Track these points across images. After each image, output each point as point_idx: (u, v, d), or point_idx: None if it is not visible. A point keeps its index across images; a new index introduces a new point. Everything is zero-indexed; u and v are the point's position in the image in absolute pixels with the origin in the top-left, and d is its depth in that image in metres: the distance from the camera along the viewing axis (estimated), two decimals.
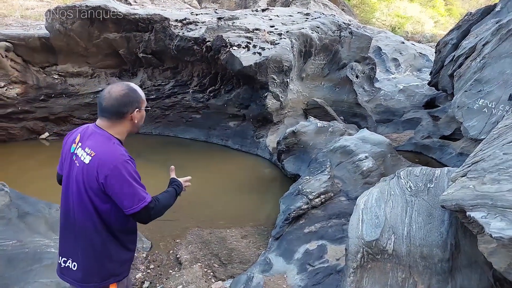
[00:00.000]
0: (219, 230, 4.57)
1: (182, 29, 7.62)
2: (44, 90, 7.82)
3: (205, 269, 3.73)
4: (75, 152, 1.85)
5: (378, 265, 2.47)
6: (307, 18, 8.70)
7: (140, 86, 8.43)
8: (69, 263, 1.87)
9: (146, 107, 1.95)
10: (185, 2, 13.14)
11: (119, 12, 7.31)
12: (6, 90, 7.33)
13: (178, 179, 2.18)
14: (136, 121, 1.88)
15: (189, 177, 2.23)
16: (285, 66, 7.07)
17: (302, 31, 7.81)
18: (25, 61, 7.57)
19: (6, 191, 3.49)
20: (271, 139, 7.38)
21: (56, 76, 7.94)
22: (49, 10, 7.34)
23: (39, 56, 7.69)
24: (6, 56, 7.19)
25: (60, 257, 1.92)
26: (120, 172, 1.72)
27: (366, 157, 4.46)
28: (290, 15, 8.80)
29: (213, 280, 3.53)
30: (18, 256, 3.08)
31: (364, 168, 4.34)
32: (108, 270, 1.88)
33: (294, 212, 3.80)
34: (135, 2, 10.03)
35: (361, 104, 8.56)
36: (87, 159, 1.76)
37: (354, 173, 4.41)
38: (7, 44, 7.15)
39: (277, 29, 7.79)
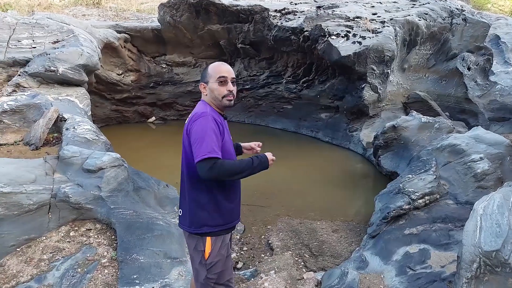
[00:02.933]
0: (309, 221, 4.58)
1: (280, 19, 7.68)
2: (154, 78, 8.64)
3: (296, 258, 3.78)
4: None
5: (497, 278, 2.21)
6: (414, 4, 8.05)
7: (237, 76, 8.82)
8: (180, 211, 2.17)
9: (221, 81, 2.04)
10: None
11: (223, 4, 7.66)
12: (123, 77, 8.27)
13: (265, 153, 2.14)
14: (205, 93, 2.09)
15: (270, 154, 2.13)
16: (387, 56, 6.68)
17: (407, 18, 7.26)
18: (139, 51, 8.45)
19: (125, 167, 3.94)
20: (366, 133, 7.08)
21: (164, 65, 8.70)
22: (162, 4, 8.04)
23: (151, 47, 8.50)
24: (124, 47, 8.09)
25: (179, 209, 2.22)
26: (198, 124, 1.92)
27: (481, 158, 3.99)
28: (395, 1, 8.24)
29: (304, 270, 3.55)
30: (134, 225, 3.47)
31: (478, 171, 3.90)
32: (201, 218, 2.04)
33: (393, 212, 3.60)
34: None
35: (471, 99, 7.70)
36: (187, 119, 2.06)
37: (464, 175, 3.99)
38: (126, 35, 8.03)
39: (379, 16, 7.37)
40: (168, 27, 8.14)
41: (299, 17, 7.65)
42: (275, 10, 7.83)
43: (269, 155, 2.08)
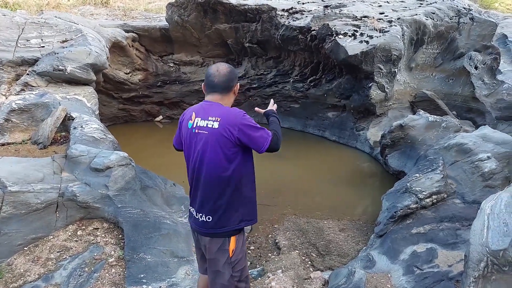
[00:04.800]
0: (315, 220, 4.57)
1: (288, 18, 7.67)
2: (161, 77, 8.67)
3: (303, 257, 3.78)
4: (195, 125, 2.12)
5: (505, 278, 2.19)
6: (421, 4, 7.98)
7: (244, 75, 8.86)
8: (204, 217, 2.13)
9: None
10: None
11: (231, 3, 7.66)
12: (130, 76, 8.31)
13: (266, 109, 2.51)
14: (236, 93, 2.25)
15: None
16: (394, 55, 6.63)
17: (415, 17, 7.21)
18: (147, 50, 8.48)
19: (133, 166, 3.97)
20: (373, 132, 7.05)
21: (171, 64, 8.72)
22: (170, 3, 8.06)
23: (159, 46, 8.53)
24: (132, 46, 8.13)
25: (197, 213, 2.18)
26: (247, 123, 2.04)
27: (488, 157, 3.96)
28: (402, 1, 8.19)
29: (311, 269, 3.55)
30: (141, 224, 3.49)
31: (486, 170, 3.86)
32: (240, 214, 2.13)
33: (401, 211, 3.59)
34: None
35: (479, 98, 7.61)
36: (215, 124, 2.04)
37: (472, 174, 3.96)
38: (134, 34, 8.07)
39: (387, 16, 7.32)
40: (176, 26, 8.16)
41: (306, 17, 7.63)
42: (283, 10, 7.81)
43: (274, 107, 2.55)
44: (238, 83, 2.26)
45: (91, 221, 3.57)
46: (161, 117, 9.08)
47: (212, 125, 2.04)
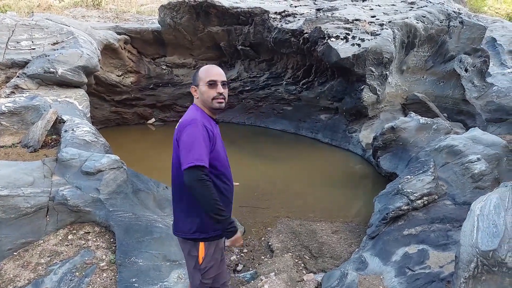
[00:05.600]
0: (308, 222, 4.58)
1: (280, 21, 7.71)
2: (154, 80, 8.65)
3: (296, 260, 3.78)
4: None
5: (494, 278, 2.22)
6: (412, 7, 8.08)
7: (237, 78, 8.86)
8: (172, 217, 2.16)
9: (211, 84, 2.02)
10: None
11: (223, 6, 7.68)
12: (122, 78, 8.28)
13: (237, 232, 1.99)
14: (196, 96, 2.07)
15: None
16: (385, 58, 6.70)
17: (406, 21, 7.29)
18: (139, 52, 8.46)
19: (124, 169, 3.93)
20: (365, 134, 7.10)
21: (164, 67, 8.71)
22: (162, 5, 8.05)
23: (151, 48, 8.51)
24: (124, 48, 8.09)
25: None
26: (187, 132, 1.91)
27: (478, 159, 4.01)
28: (393, 4, 8.28)
29: (304, 272, 3.55)
30: (133, 227, 3.46)
31: (476, 171, 3.91)
32: (193, 224, 2.03)
33: (392, 212, 3.61)
34: None
35: (469, 100, 7.72)
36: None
37: (462, 176, 4.00)
38: (126, 37, 8.04)
39: (378, 19, 7.40)
40: (168, 28, 8.15)
41: (298, 20, 7.67)
42: (275, 13, 7.85)
43: (238, 237, 1.96)
44: (201, 86, 2.04)
45: (82, 225, 3.52)
46: (153, 119, 9.05)
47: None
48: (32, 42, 5.79)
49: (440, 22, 7.73)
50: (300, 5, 8.46)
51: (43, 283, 2.93)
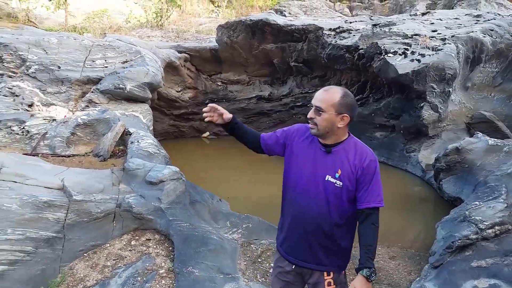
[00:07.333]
0: None
1: (335, 37, 7.68)
2: (210, 95, 8.99)
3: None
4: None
5: None
6: (478, 20, 7.66)
7: (288, 93, 8.93)
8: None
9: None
10: (336, 11, 13.20)
11: (278, 24, 7.84)
12: (181, 94, 8.69)
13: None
14: None
15: None
16: (448, 74, 6.37)
17: (471, 35, 6.92)
18: (197, 69, 8.87)
19: (183, 180, 4.09)
20: (425, 154, 6.74)
21: (219, 83, 9.03)
22: (220, 25, 8.41)
23: (208, 66, 8.89)
24: (184, 66, 8.53)
25: None
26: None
27: None
28: (456, 18, 7.91)
29: None
30: (190, 237, 3.56)
31: None
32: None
33: (459, 241, 3.36)
34: (290, 14, 10.58)
35: None
36: None
37: None
38: (186, 55, 8.48)
39: (440, 33, 7.09)
40: (225, 47, 8.47)
41: (354, 35, 7.59)
42: (330, 29, 7.85)
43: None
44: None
45: (144, 232, 3.71)
46: (208, 133, 9.36)
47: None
48: (105, 60, 6.31)
49: (511, 36, 7.24)
50: (356, 21, 8.38)
51: (109, 285, 3.11)
